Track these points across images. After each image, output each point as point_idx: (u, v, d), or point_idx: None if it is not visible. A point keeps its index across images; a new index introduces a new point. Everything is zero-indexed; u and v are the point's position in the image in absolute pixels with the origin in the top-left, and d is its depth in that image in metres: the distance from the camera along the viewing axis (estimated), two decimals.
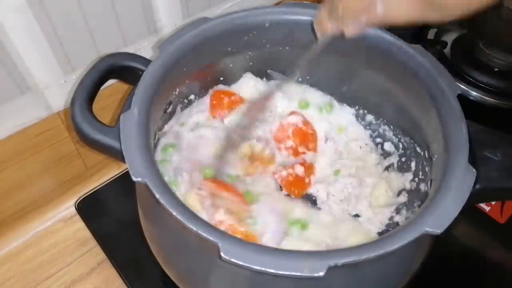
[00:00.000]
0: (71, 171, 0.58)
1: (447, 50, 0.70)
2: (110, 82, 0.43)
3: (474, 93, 0.63)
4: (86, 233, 0.55)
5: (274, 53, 0.48)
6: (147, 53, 0.54)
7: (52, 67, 0.47)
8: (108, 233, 0.54)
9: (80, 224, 0.56)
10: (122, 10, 0.49)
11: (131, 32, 0.51)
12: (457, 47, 0.71)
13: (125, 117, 0.35)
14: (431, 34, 0.73)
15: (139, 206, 0.41)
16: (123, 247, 0.52)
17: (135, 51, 0.53)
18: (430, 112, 0.39)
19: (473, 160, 0.34)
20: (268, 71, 0.52)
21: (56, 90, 0.49)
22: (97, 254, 0.53)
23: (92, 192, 0.57)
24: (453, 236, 0.54)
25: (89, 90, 0.38)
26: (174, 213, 0.30)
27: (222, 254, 0.28)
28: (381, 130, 0.51)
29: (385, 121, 0.50)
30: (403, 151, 0.48)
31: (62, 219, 0.57)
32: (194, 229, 0.29)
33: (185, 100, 0.48)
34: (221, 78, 0.50)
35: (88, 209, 0.56)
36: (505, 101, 0.63)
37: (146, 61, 0.41)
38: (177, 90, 0.45)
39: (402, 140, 0.48)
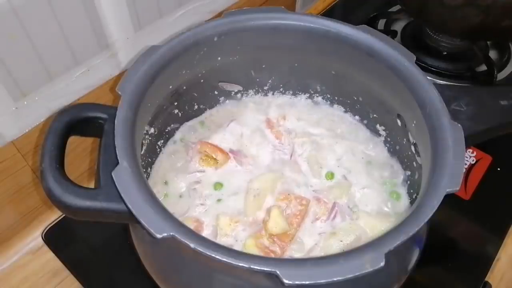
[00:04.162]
0: (33, 200, 0.55)
1: (397, 39, 0.73)
2: None
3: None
4: (56, 263, 0.52)
5: (225, 64, 0.48)
6: (100, 71, 0.53)
7: (1, 96, 0.45)
8: (80, 261, 0.52)
9: (49, 254, 0.53)
10: (69, 28, 0.47)
11: (81, 49, 0.50)
12: (406, 35, 0.73)
13: (118, 174, 0.32)
14: (380, 25, 0.75)
15: (134, 233, 0.40)
16: (98, 273, 0.51)
17: (88, 69, 0.51)
18: (394, 84, 0.41)
19: None
20: (219, 83, 0.52)
21: (8, 118, 0.47)
22: (71, 283, 0.51)
23: (59, 220, 0.55)
24: None
25: (55, 156, 0.35)
26: (218, 257, 0.29)
27: (284, 280, 0.28)
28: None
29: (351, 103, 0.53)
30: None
31: (29, 252, 0.55)
32: (246, 266, 0.29)
33: (162, 134, 0.48)
34: (176, 103, 0.49)
35: (56, 238, 0.54)
36: (456, 82, 0.67)
37: (104, 108, 0.39)
38: (145, 128, 0.44)
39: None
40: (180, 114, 0.51)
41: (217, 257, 0.29)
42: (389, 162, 0.50)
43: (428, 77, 0.41)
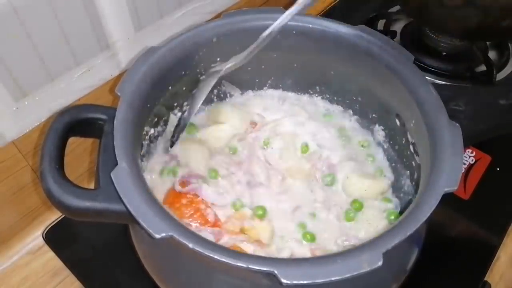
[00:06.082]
0: (33, 200, 0.55)
1: (397, 39, 0.73)
2: None
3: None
4: (57, 263, 0.52)
5: None
6: (101, 71, 0.53)
7: (1, 96, 0.45)
8: (81, 261, 0.52)
9: (50, 254, 0.53)
10: (70, 28, 0.47)
11: (81, 50, 0.50)
12: (406, 36, 0.73)
13: (117, 175, 0.33)
14: (380, 25, 0.75)
15: (134, 233, 0.40)
16: (98, 272, 0.51)
17: (88, 70, 0.51)
18: (393, 84, 0.41)
19: None
20: (222, 81, 0.52)
21: (8, 118, 0.47)
22: (72, 283, 0.51)
23: (60, 220, 0.55)
24: None
25: (55, 157, 0.35)
26: (217, 257, 0.29)
27: (282, 280, 0.28)
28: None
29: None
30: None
31: (30, 251, 0.55)
32: (244, 266, 0.29)
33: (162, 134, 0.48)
34: (176, 103, 0.50)
35: (57, 237, 0.54)
36: (455, 83, 0.67)
37: (104, 109, 0.39)
38: (145, 129, 0.44)
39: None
40: (179, 115, 0.51)
41: (215, 257, 0.29)
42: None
43: (427, 77, 0.42)
